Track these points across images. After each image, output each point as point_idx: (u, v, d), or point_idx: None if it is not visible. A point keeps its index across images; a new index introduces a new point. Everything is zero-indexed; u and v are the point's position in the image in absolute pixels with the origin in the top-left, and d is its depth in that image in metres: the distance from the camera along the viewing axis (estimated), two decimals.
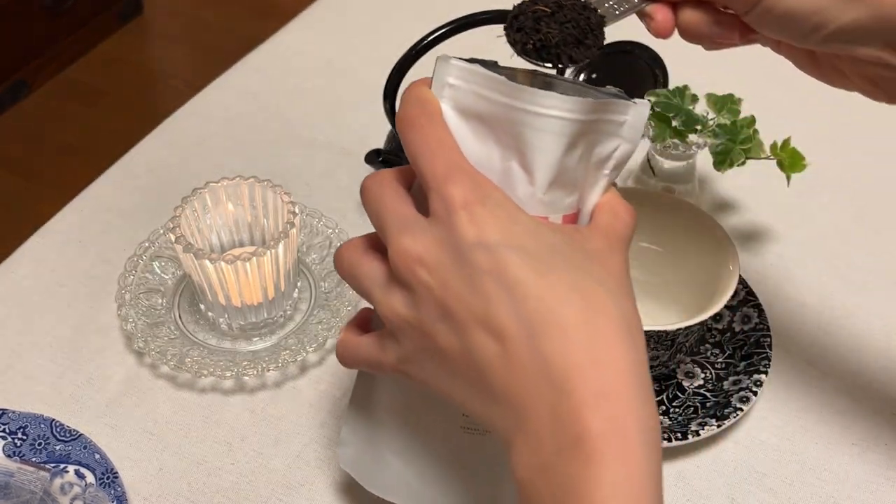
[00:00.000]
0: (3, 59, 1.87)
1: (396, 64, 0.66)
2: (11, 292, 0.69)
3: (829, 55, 0.45)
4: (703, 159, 0.74)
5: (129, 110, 1.87)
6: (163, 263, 0.68)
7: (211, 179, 0.64)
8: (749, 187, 0.77)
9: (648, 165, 0.70)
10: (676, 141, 0.67)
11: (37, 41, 1.94)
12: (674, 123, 0.67)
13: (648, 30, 0.45)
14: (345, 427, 0.50)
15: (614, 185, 0.43)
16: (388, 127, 0.72)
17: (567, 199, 0.41)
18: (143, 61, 2.08)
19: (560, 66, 0.42)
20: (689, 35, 0.45)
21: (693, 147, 0.68)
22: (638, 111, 0.40)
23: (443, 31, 0.65)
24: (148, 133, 0.83)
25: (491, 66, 0.41)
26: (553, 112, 0.38)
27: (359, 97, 0.86)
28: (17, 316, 0.67)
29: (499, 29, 0.69)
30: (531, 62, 0.43)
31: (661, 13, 0.44)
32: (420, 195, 0.40)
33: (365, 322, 0.46)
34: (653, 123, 0.68)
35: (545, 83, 0.42)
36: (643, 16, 0.45)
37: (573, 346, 0.35)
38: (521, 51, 0.43)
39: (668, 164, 0.69)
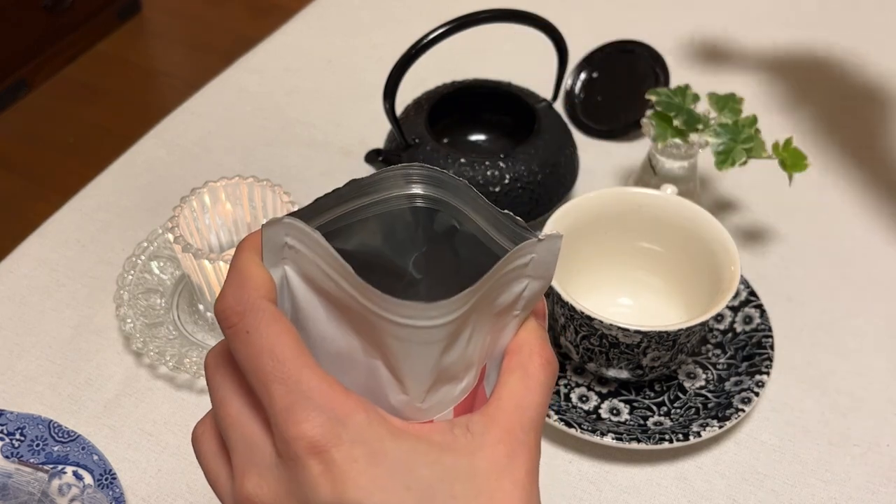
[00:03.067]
0: (3, 59, 1.87)
1: (397, 63, 0.65)
2: (10, 292, 0.68)
3: None
4: (705, 159, 0.74)
5: (128, 109, 1.87)
6: (161, 263, 0.68)
7: (210, 179, 0.64)
8: (750, 187, 0.77)
9: (649, 165, 0.70)
10: (678, 140, 0.67)
11: (36, 40, 1.94)
12: (675, 123, 0.67)
13: None
14: None
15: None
16: (388, 127, 0.71)
17: (458, 388, 0.32)
18: (142, 60, 2.08)
19: None
20: None
21: (694, 146, 0.68)
22: (545, 246, 0.32)
23: (443, 30, 0.65)
24: (147, 132, 0.83)
25: (343, 195, 0.32)
26: (416, 323, 0.29)
27: (358, 97, 0.86)
28: (15, 316, 0.67)
29: (499, 28, 0.69)
30: None
31: None
32: None
33: None
34: (654, 123, 0.67)
35: (432, 198, 0.33)
36: None
37: None
38: None
39: (669, 163, 0.69)
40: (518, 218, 0.32)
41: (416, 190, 0.33)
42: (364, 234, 0.33)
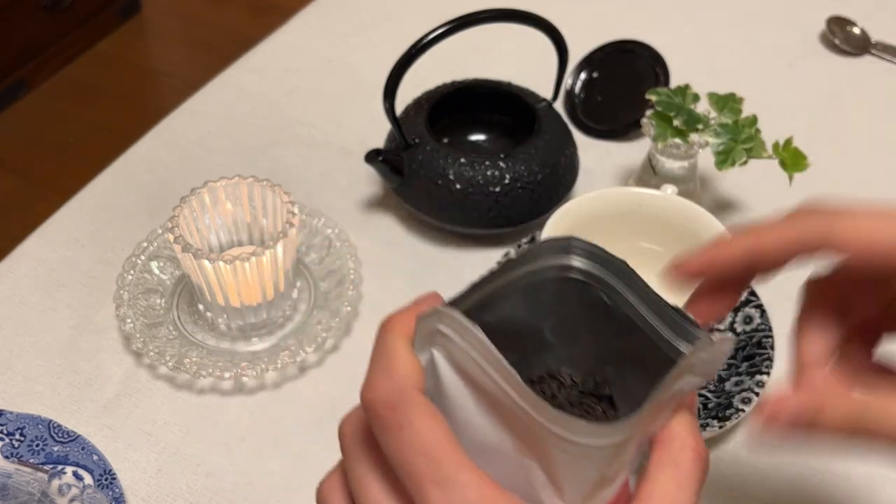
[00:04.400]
0: (2, 58, 1.87)
1: (396, 63, 0.65)
2: (10, 292, 0.68)
3: None
4: (705, 159, 0.73)
5: (128, 109, 1.87)
6: (161, 263, 0.68)
7: (209, 179, 0.64)
8: (751, 187, 0.77)
9: (650, 165, 0.70)
10: (678, 140, 0.67)
11: (35, 40, 1.94)
12: (675, 123, 0.67)
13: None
14: None
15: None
16: (388, 126, 0.71)
17: (612, 488, 0.31)
18: (142, 60, 2.08)
19: None
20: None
21: (694, 146, 0.68)
22: (718, 347, 0.30)
23: (443, 30, 0.65)
24: (146, 132, 0.83)
25: (496, 273, 0.31)
26: (587, 441, 0.28)
27: (358, 96, 0.86)
28: (15, 316, 0.67)
29: (499, 28, 0.69)
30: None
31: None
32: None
33: None
34: (654, 123, 0.67)
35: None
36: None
37: None
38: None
39: (669, 163, 0.69)
40: (687, 314, 0.31)
41: (573, 262, 0.32)
42: (510, 305, 0.33)
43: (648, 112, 0.68)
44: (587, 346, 0.35)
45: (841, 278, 0.36)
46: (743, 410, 0.58)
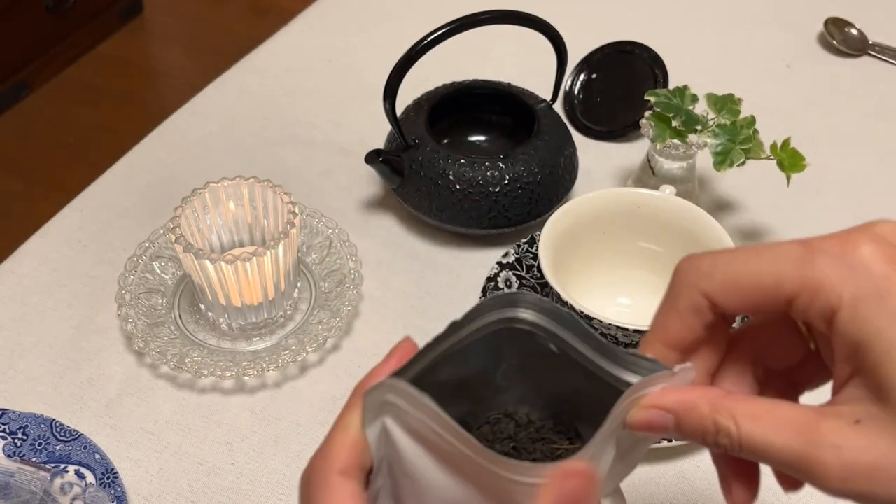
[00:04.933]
0: (4, 60, 1.87)
1: (397, 64, 0.66)
2: (12, 292, 0.69)
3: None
4: (703, 159, 0.74)
5: (130, 110, 1.87)
6: (163, 263, 0.68)
7: (211, 179, 0.64)
8: (749, 187, 0.77)
9: (648, 165, 0.70)
10: (676, 141, 0.67)
11: (37, 41, 1.94)
12: (674, 123, 0.67)
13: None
14: None
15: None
16: (388, 127, 0.72)
17: None
18: (144, 61, 2.08)
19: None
20: None
21: (693, 147, 0.68)
22: (679, 378, 0.32)
23: (443, 31, 0.65)
24: (148, 133, 0.83)
25: (442, 337, 0.32)
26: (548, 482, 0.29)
27: (359, 97, 0.86)
28: (17, 316, 0.67)
29: (499, 29, 0.69)
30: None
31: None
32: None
33: None
34: (653, 123, 0.68)
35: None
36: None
37: None
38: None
39: (668, 164, 0.69)
40: (645, 355, 0.33)
41: (519, 314, 0.34)
42: (461, 359, 0.34)
43: (647, 113, 0.69)
44: (542, 387, 0.36)
45: (753, 326, 0.34)
46: None
